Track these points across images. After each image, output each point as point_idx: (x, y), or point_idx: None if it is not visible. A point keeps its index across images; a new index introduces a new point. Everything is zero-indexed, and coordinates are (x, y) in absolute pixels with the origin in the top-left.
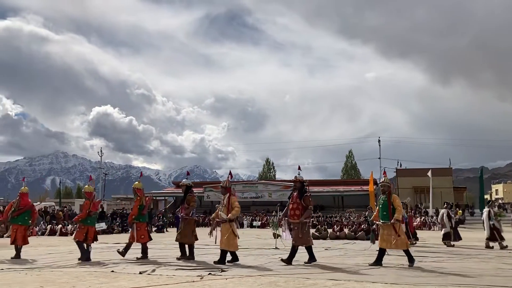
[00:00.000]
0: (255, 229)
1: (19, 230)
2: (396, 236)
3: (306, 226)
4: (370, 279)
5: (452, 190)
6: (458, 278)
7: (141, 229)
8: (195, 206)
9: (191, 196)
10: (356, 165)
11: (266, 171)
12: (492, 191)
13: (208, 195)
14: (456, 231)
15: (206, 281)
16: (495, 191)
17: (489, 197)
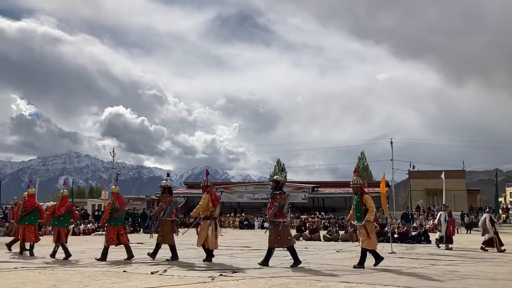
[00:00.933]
0: (266, 230)
1: (27, 229)
2: (367, 237)
3: (280, 226)
4: (382, 282)
5: (465, 193)
6: (472, 281)
7: (110, 232)
8: (164, 207)
9: (162, 197)
10: (368, 166)
11: (277, 172)
12: (506, 194)
13: (219, 195)
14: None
15: (217, 282)
16: (510, 194)
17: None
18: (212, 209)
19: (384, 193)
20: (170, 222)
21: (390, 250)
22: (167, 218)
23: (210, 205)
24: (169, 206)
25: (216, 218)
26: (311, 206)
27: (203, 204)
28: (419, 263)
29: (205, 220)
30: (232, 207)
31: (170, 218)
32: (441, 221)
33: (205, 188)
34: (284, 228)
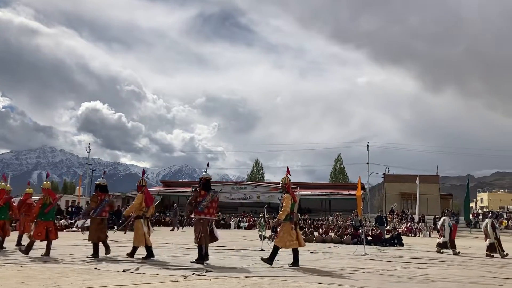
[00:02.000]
0: (242, 230)
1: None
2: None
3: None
4: (354, 284)
5: (438, 197)
6: (441, 284)
7: (39, 227)
8: (93, 205)
9: (93, 195)
10: (344, 169)
11: (255, 173)
12: (477, 199)
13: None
14: (499, 242)
15: (190, 281)
16: (480, 199)
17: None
18: (145, 209)
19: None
20: (99, 220)
21: (363, 252)
22: (97, 216)
23: (143, 205)
24: (101, 204)
25: (148, 217)
26: None
27: (136, 203)
28: (391, 266)
29: (139, 220)
30: None
31: (101, 216)
32: (444, 226)
33: (140, 187)
34: (198, 225)
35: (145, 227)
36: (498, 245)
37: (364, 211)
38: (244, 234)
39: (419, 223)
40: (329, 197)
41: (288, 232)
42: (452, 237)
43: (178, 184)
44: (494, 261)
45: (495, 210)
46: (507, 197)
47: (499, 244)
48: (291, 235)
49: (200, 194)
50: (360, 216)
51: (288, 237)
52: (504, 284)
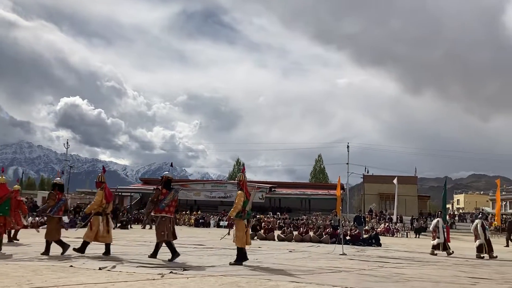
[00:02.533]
0: (222, 228)
1: None
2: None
3: (157, 220)
4: (331, 283)
5: (416, 198)
6: (417, 283)
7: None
8: (52, 203)
9: (51, 194)
10: (324, 169)
11: (236, 171)
12: (454, 200)
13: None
14: (489, 242)
15: (166, 280)
16: (457, 201)
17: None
18: (105, 206)
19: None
20: (57, 219)
21: (341, 251)
22: (54, 215)
23: (103, 201)
24: (58, 203)
25: (108, 214)
26: (267, 206)
27: (98, 200)
28: (368, 265)
29: (97, 216)
30: (189, 205)
31: (58, 215)
32: (438, 227)
33: (99, 184)
34: (160, 223)
35: (103, 224)
36: (488, 246)
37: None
38: (224, 232)
39: (397, 223)
40: (309, 197)
41: (243, 230)
42: (446, 239)
43: (157, 182)
44: (468, 261)
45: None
46: (483, 199)
47: (488, 245)
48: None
49: (162, 193)
50: (339, 216)
51: (241, 234)
52: (477, 283)
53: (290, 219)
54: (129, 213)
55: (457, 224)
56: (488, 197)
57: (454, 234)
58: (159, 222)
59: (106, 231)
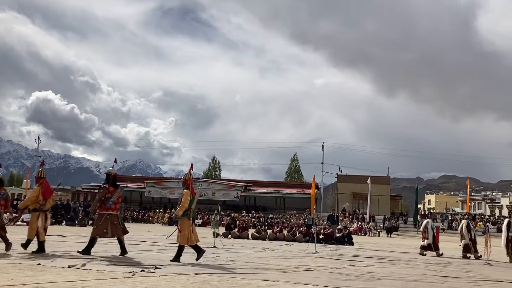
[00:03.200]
0: (196, 227)
1: None
2: (178, 231)
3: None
4: (303, 281)
5: (389, 198)
6: (387, 282)
7: None
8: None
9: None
10: (299, 168)
11: (212, 170)
12: (425, 200)
13: (149, 190)
14: (474, 243)
15: (137, 278)
16: (428, 201)
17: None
18: (43, 202)
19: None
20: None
21: (314, 250)
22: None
23: (40, 198)
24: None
25: (46, 210)
26: (242, 204)
27: (32, 196)
28: (340, 264)
29: (34, 212)
30: (163, 203)
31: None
32: (427, 228)
33: (38, 179)
34: (105, 221)
35: (41, 221)
36: (473, 246)
37: (317, 210)
38: (198, 231)
39: (370, 222)
40: (284, 196)
41: (188, 229)
42: (436, 240)
43: (131, 179)
44: (438, 260)
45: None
46: (453, 199)
47: (473, 245)
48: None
49: (109, 191)
50: (313, 214)
51: (187, 233)
52: (445, 281)
53: (264, 218)
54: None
55: None
56: (458, 198)
57: None
58: (104, 220)
59: (43, 228)
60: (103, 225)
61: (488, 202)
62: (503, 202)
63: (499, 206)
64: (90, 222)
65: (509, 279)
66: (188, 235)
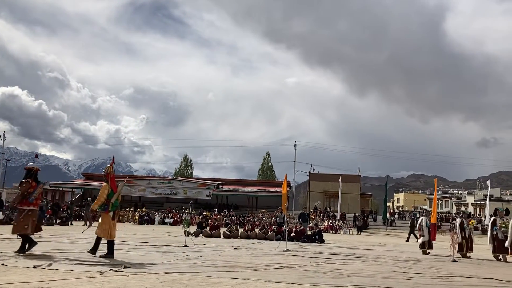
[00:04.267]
0: (167, 226)
1: None
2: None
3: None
4: (273, 279)
5: (359, 196)
6: (356, 279)
7: None
8: None
9: None
10: (272, 167)
11: (183, 168)
12: (394, 199)
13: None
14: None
15: (106, 277)
16: (397, 199)
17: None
18: None
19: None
20: None
21: (285, 248)
22: None
23: None
24: None
25: None
26: (214, 203)
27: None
28: (310, 261)
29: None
30: (133, 202)
31: None
32: (422, 226)
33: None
34: (26, 216)
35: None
36: (467, 245)
37: (289, 208)
38: (169, 230)
39: (340, 220)
40: (256, 194)
41: (108, 223)
42: (432, 237)
43: (100, 177)
44: (405, 257)
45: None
46: (421, 198)
47: (467, 244)
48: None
49: (32, 186)
50: (284, 213)
51: (107, 227)
52: (412, 278)
53: (236, 216)
54: (69, 209)
55: (397, 222)
56: (426, 196)
57: (394, 231)
58: (25, 215)
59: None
60: (24, 221)
61: (454, 200)
62: (469, 200)
63: (465, 204)
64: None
65: (473, 274)
66: (109, 229)
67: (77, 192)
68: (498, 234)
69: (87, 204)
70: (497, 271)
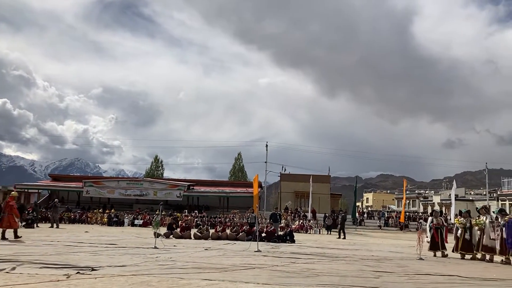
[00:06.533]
0: (137, 227)
1: None
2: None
3: None
4: (244, 279)
5: (329, 196)
6: (326, 278)
7: None
8: None
9: None
10: (243, 167)
11: (154, 169)
12: (363, 199)
13: (87, 190)
14: None
15: (72, 281)
16: (366, 199)
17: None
18: None
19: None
20: None
21: (256, 248)
22: None
23: None
24: None
25: None
26: (185, 204)
27: None
28: (281, 261)
29: None
30: (102, 203)
31: None
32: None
33: None
34: None
35: None
36: (441, 243)
37: (260, 208)
38: (138, 231)
39: (311, 220)
40: (227, 195)
41: None
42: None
43: (68, 178)
44: (374, 256)
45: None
46: (389, 197)
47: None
48: None
49: None
50: (256, 213)
51: None
52: (381, 276)
53: (208, 217)
54: (35, 211)
55: (366, 221)
56: (394, 196)
57: (363, 230)
58: None
59: None
60: None
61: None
62: (435, 200)
63: (431, 204)
64: None
65: (438, 272)
66: None
67: (44, 193)
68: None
69: (54, 206)
70: (461, 269)
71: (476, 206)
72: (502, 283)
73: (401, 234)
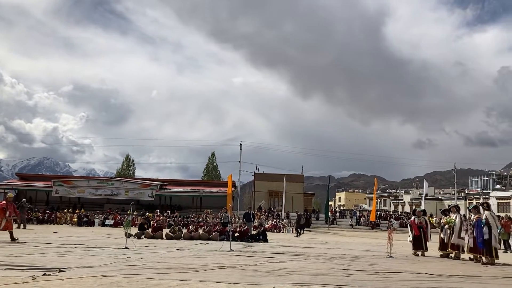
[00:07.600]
0: (107, 228)
1: None
2: None
3: None
4: (215, 279)
5: (302, 196)
6: (297, 276)
7: None
8: None
9: None
10: (217, 167)
11: (125, 168)
12: (336, 198)
13: (57, 190)
14: None
15: (38, 282)
16: (339, 198)
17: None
18: None
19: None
20: None
21: (229, 248)
22: None
23: None
24: None
25: None
26: (157, 204)
27: None
28: (253, 261)
29: None
30: (72, 203)
31: None
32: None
33: None
34: None
35: None
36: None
37: (234, 208)
38: (109, 232)
39: (284, 219)
40: (200, 194)
41: None
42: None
43: (36, 178)
44: (345, 255)
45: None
46: (361, 197)
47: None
48: None
49: None
50: (229, 213)
51: None
52: (351, 275)
53: (180, 217)
54: None
55: (338, 220)
56: (366, 195)
57: (335, 229)
58: None
59: None
60: None
61: (392, 199)
62: (406, 199)
63: (402, 203)
64: None
65: (408, 269)
66: None
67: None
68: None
69: (21, 206)
70: (430, 266)
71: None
72: (466, 279)
73: (372, 233)
